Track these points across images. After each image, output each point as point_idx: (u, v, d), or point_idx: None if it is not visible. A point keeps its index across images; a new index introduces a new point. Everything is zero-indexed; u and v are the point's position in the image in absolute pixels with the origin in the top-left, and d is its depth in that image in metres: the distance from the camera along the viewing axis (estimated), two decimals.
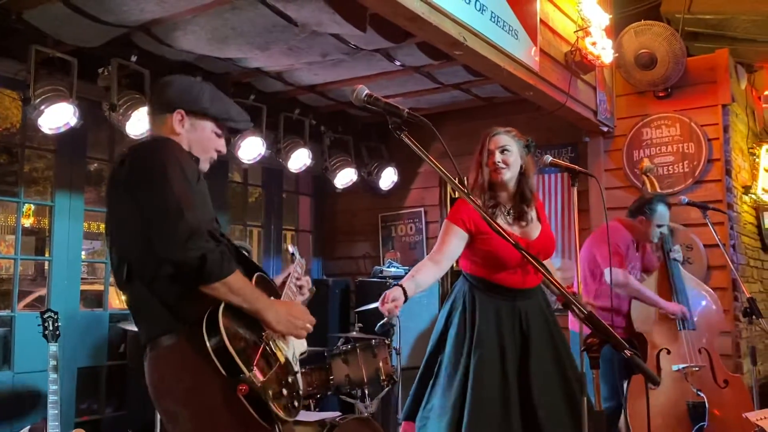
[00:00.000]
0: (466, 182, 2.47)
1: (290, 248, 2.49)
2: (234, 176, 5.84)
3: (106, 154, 4.79)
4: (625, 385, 3.97)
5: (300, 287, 2.25)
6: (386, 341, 4.00)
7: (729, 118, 4.87)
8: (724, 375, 3.94)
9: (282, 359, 1.94)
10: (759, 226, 5.65)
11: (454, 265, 3.00)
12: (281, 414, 1.82)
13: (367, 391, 3.96)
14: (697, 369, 3.84)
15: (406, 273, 5.25)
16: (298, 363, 2.07)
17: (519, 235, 2.84)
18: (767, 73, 6.19)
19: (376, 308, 4.34)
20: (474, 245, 2.82)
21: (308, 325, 2.01)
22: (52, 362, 3.53)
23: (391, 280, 4.99)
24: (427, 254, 5.68)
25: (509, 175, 2.89)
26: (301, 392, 1.99)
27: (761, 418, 2.47)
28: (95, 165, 5.18)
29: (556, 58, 4.29)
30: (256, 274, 2.04)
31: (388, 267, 5.29)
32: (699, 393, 3.78)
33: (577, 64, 4.37)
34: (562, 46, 4.38)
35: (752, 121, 5.61)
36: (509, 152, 2.89)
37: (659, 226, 4.07)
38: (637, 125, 5.10)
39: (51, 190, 4.41)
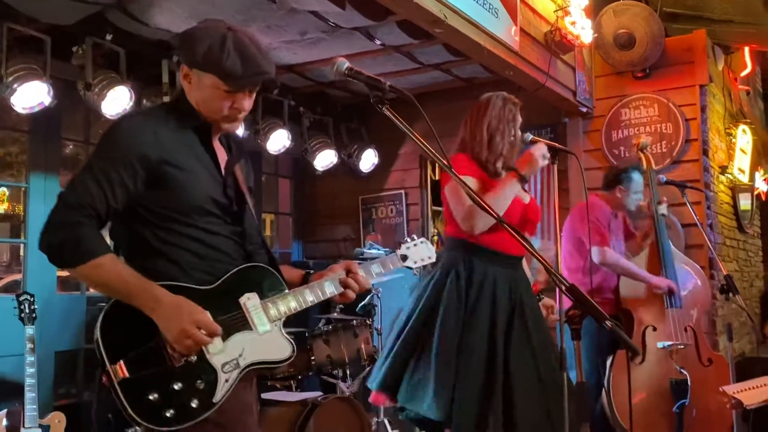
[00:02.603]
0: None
1: (411, 242, 2.19)
2: None
3: (82, 136, 4.71)
4: (609, 361, 4.00)
5: (345, 288, 1.95)
6: (367, 322, 4.00)
7: (706, 99, 4.91)
8: (709, 353, 3.99)
9: (180, 362, 1.71)
10: (735, 206, 5.73)
11: (442, 233, 2.98)
12: (136, 417, 1.66)
13: (348, 372, 3.97)
14: (682, 347, 3.87)
15: (387, 254, 5.30)
16: (235, 371, 1.78)
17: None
18: (743, 54, 6.25)
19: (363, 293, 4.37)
20: None
21: (193, 342, 1.72)
22: (29, 345, 3.48)
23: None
24: (408, 236, 5.78)
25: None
26: (194, 405, 1.71)
27: (738, 391, 2.50)
28: (71, 147, 5.10)
29: (536, 37, 4.29)
30: (236, 269, 1.85)
31: (369, 249, 5.28)
32: (682, 371, 3.82)
33: (557, 44, 4.37)
34: (542, 26, 4.37)
35: (729, 101, 5.66)
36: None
37: (636, 193, 4.11)
38: (616, 106, 5.12)
39: (25, 173, 4.33)
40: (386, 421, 4.28)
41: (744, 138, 5.58)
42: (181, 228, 1.81)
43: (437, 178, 6.54)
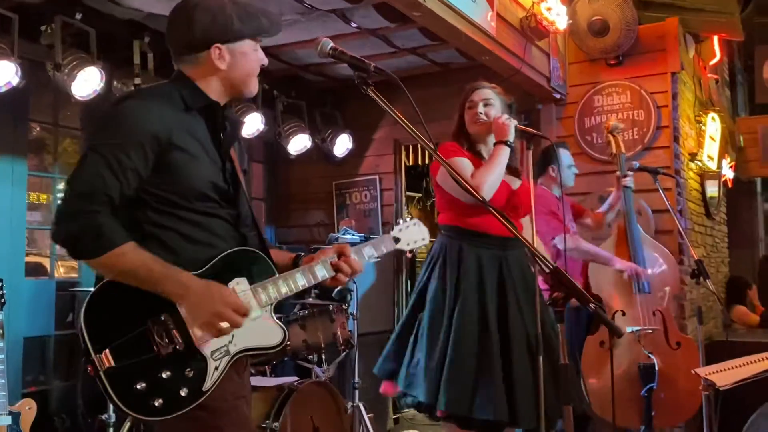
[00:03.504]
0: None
1: (403, 223, 2.18)
2: None
3: (51, 118, 4.60)
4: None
5: (336, 272, 1.93)
6: (343, 307, 4.00)
7: (678, 86, 4.97)
8: (677, 337, 4.06)
9: (168, 350, 1.69)
10: (703, 193, 5.82)
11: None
12: (123, 407, 1.65)
13: (324, 356, 3.96)
14: (650, 331, 3.94)
15: (362, 240, 5.29)
16: (225, 358, 1.77)
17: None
18: (712, 43, 6.34)
19: None
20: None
21: (227, 324, 1.73)
22: None
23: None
24: (382, 221, 5.79)
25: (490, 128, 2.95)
26: (183, 393, 1.69)
27: (711, 373, 2.55)
28: (37, 129, 4.98)
29: (511, 23, 4.29)
30: (226, 252, 1.83)
31: (344, 234, 5.26)
32: (650, 355, 3.89)
33: (533, 30, 4.38)
34: (518, 11, 4.38)
35: (699, 89, 5.74)
36: (491, 106, 2.98)
37: (569, 167, 4.15)
38: (589, 92, 5.16)
39: None
40: (361, 406, 4.30)
41: (713, 125, 5.67)
42: (177, 211, 1.78)
43: (410, 163, 6.55)
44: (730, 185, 7.03)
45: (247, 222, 1.92)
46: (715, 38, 6.28)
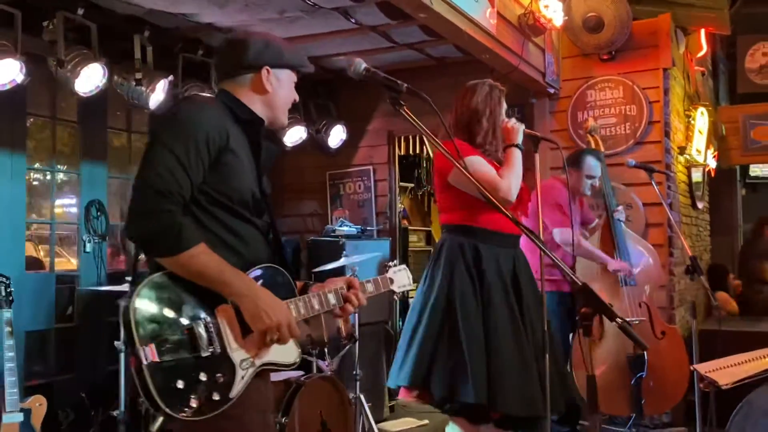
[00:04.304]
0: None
1: (396, 267, 2.29)
2: None
3: (48, 111, 4.58)
4: (570, 338, 4.18)
5: (345, 303, 2.00)
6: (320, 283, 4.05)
7: (669, 82, 5.07)
8: (662, 327, 4.21)
9: (208, 353, 1.74)
10: (690, 184, 5.97)
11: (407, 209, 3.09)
12: (160, 403, 1.67)
13: (327, 350, 4.03)
14: (637, 322, 4.07)
15: (359, 232, 5.35)
16: (250, 369, 1.81)
17: None
18: (699, 36, 6.45)
19: (335, 269, 4.42)
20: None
21: (280, 335, 1.81)
22: (7, 329, 3.43)
23: (344, 239, 5.03)
24: (376, 212, 5.84)
25: None
26: (217, 399, 1.74)
27: (711, 370, 2.66)
28: (31, 120, 4.94)
29: (510, 20, 4.35)
30: (260, 266, 1.90)
31: (340, 226, 5.31)
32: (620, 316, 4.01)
33: (530, 27, 4.44)
34: (516, 9, 4.43)
35: (687, 83, 5.85)
36: None
37: (589, 177, 4.26)
38: (582, 87, 5.25)
39: None
40: (362, 397, 4.39)
41: (701, 120, 5.80)
42: (221, 214, 1.86)
43: (402, 153, 6.60)
44: (713, 175, 7.19)
45: (276, 236, 2.02)
46: (702, 31, 6.39)
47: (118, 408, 3.53)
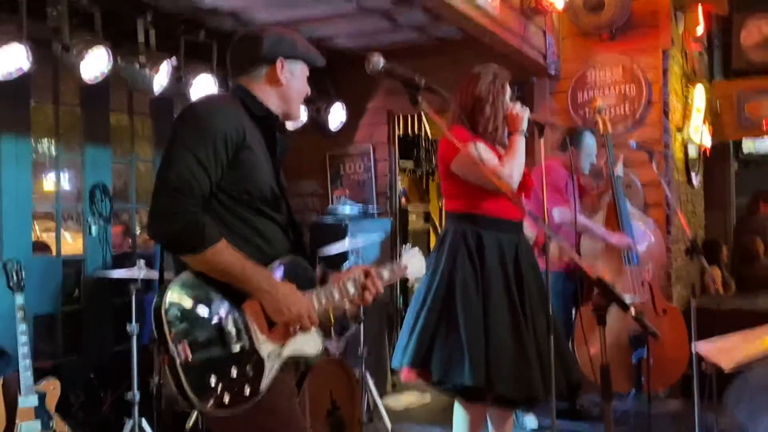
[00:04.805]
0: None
1: (410, 252, 2.32)
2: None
3: (51, 95, 4.58)
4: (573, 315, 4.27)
5: (363, 291, 2.05)
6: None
7: (668, 62, 5.11)
8: (663, 305, 4.30)
9: (237, 348, 1.80)
10: (686, 162, 6.02)
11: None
12: (195, 400, 1.72)
13: (333, 331, 4.11)
14: (639, 302, 4.15)
15: (361, 212, 5.40)
16: (277, 361, 1.87)
17: None
18: (696, 14, 6.45)
19: (342, 252, 4.48)
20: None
21: (301, 326, 1.88)
22: (20, 314, 3.48)
23: (347, 221, 5.08)
24: (377, 192, 5.88)
25: None
26: (248, 393, 1.80)
27: (714, 353, 2.73)
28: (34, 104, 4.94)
29: (512, 3, 4.36)
30: (285, 258, 1.95)
31: (343, 205, 5.35)
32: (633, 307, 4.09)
33: (532, 9, 4.47)
34: None
35: (685, 62, 5.88)
36: None
37: (588, 155, 4.32)
38: (582, 67, 5.27)
39: None
40: (367, 375, 4.48)
41: (699, 97, 5.84)
42: (242, 210, 1.90)
43: (401, 132, 6.62)
44: (708, 154, 7.25)
45: (296, 230, 2.06)
46: (700, 8, 6.39)
47: (130, 390, 3.60)
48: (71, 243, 4.93)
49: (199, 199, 1.80)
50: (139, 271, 3.66)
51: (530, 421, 4.45)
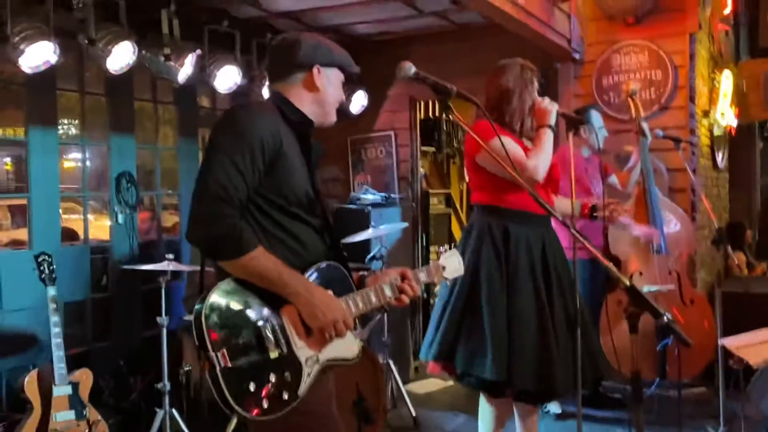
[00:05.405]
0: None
1: (447, 253, 2.33)
2: (202, 101, 5.71)
3: (76, 85, 4.61)
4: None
5: (400, 294, 2.08)
6: (377, 273, 4.14)
7: (695, 47, 5.03)
8: (691, 294, 4.28)
9: (275, 354, 1.83)
10: (712, 146, 5.96)
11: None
12: (236, 406, 1.75)
13: (358, 320, 4.14)
14: (666, 291, 4.14)
15: (383, 200, 5.41)
16: (315, 366, 1.90)
17: None
18: None
19: (364, 240, 4.49)
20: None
21: (336, 331, 1.89)
22: (52, 305, 3.55)
23: (369, 207, 5.09)
24: (398, 177, 5.88)
25: None
26: (286, 398, 1.82)
27: (740, 347, 2.73)
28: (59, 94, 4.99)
29: None
30: (321, 264, 1.98)
31: (365, 194, 5.37)
32: (667, 315, 4.08)
33: None
34: None
35: (712, 45, 5.79)
36: None
37: (600, 128, 4.31)
38: (607, 51, 5.20)
39: (25, 128, 4.26)
40: (390, 362, 4.53)
41: (726, 83, 5.75)
42: (279, 216, 1.93)
43: (422, 117, 6.59)
44: (733, 134, 7.15)
45: (332, 235, 2.07)
46: None
47: (160, 378, 3.67)
48: (97, 227, 4.98)
49: (237, 205, 1.83)
50: (167, 264, 3.70)
51: (553, 406, 4.49)
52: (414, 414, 4.48)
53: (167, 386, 3.62)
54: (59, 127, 4.55)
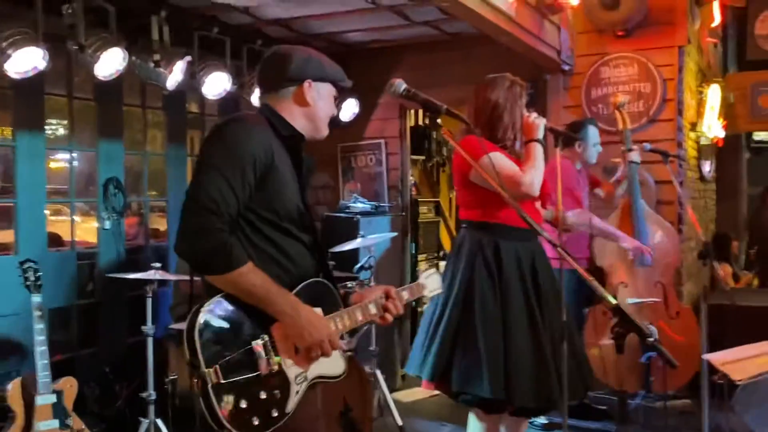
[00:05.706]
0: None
1: (426, 272, 2.41)
2: (191, 107, 5.69)
3: (65, 90, 4.58)
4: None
5: (384, 312, 2.11)
6: (365, 282, 4.15)
7: (684, 59, 5.06)
8: (677, 307, 4.30)
9: (266, 371, 1.83)
10: (698, 158, 6.00)
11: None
12: (227, 424, 1.74)
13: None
14: (651, 303, 4.16)
15: (373, 208, 5.40)
16: (303, 384, 1.91)
17: None
18: (712, 6, 6.39)
19: (353, 249, 4.48)
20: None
21: (322, 351, 1.90)
22: (37, 313, 3.50)
23: (358, 216, 5.09)
24: (388, 185, 5.88)
25: None
26: (275, 415, 1.83)
27: (725, 363, 2.73)
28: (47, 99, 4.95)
29: (528, 1, 4.32)
30: (307, 281, 1.98)
31: (354, 202, 5.36)
32: (650, 327, 4.12)
33: (548, 6, 4.43)
34: None
35: (700, 58, 5.83)
36: None
37: (594, 145, 4.34)
38: (596, 64, 5.23)
39: (12, 132, 4.22)
40: (377, 372, 4.52)
41: (714, 96, 5.80)
42: (269, 231, 1.92)
43: (412, 124, 6.60)
44: (720, 145, 7.21)
45: (322, 251, 2.06)
46: (716, 1, 6.33)
47: (145, 387, 3.64)
48: (84, 229, 4.94)
49: (227, 220, 1.82)
50: (154, 273, 3.67)
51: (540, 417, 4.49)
52: (400, 423, 4.47)
53: (153, 395, 3.59)
54: (47, 131, 4.51)
